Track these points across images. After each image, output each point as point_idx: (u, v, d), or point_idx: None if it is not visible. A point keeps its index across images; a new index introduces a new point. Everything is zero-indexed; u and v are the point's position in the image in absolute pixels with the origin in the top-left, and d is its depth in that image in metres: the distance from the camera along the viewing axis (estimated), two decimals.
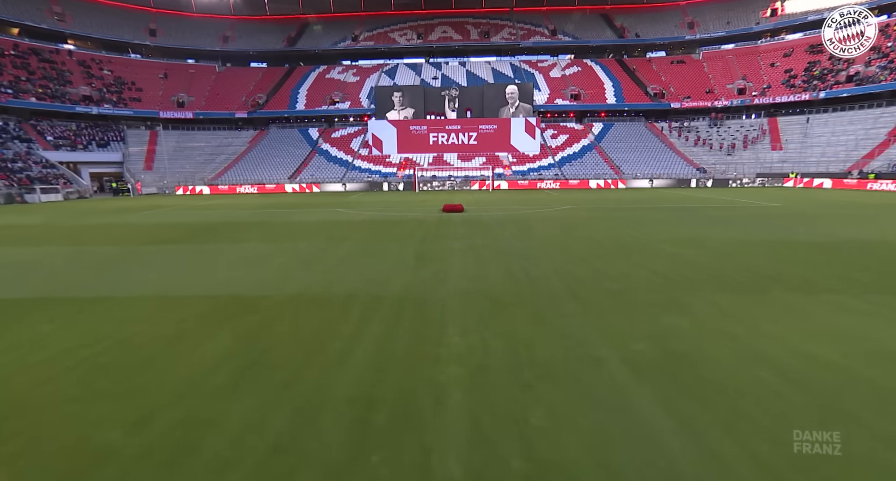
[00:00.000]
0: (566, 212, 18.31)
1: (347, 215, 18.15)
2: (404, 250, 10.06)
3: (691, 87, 50.58)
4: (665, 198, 23.40)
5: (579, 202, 22.69)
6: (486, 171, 40.56)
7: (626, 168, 40.54)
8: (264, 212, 19.61)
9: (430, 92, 46.12)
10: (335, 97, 52.86)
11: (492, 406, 3.43)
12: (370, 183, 38.96)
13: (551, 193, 30.41)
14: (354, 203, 23.91)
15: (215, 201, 27.64)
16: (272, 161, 43.99)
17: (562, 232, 12.50)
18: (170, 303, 6.13)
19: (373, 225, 14.87)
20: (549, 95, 51.96)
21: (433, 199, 25.80)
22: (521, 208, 20.02)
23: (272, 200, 27.62)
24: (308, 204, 23.86)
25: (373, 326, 5.07)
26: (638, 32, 59.00)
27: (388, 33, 62.36)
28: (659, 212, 16.71)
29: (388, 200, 25.75)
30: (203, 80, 55.03)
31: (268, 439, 3.05)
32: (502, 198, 26.79)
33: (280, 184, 38.71)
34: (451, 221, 15.21)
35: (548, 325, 5.06)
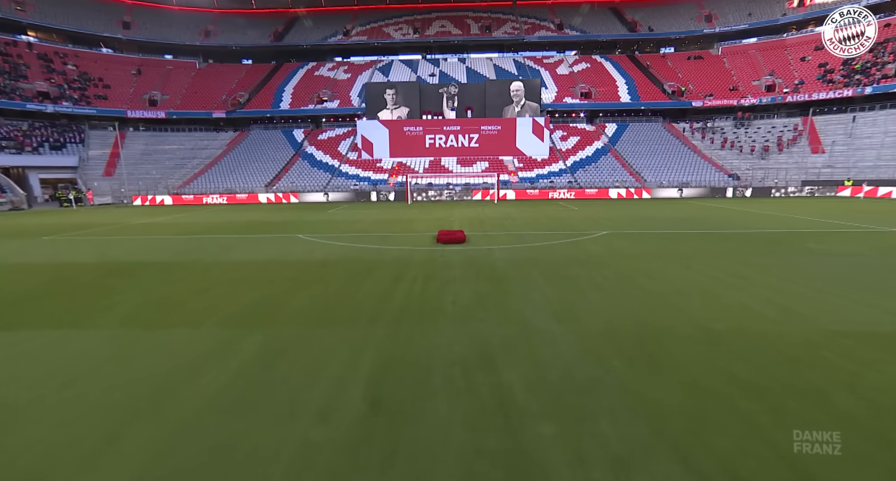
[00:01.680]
0: (607, 243, 12.43)
1: (305, 249, 12.26)
2: (350, 373, 4.19)
3: (713, 85, 44.57)
4: (723, 219, 17.43)
5: (614, 222, 16.83)
6: (490, 178, 34.63)
7: (648, 174, 34.57)
8: (202, 242, 13.72)
9: (426, 89, 40.11)
10: (323, 95, 46.82)
11: None
12: (357, 192, 32.90)
13: (571, 208, 24.48)
14: (327, 224, 18.01)
15: (163, 218, 21.69)
16: (250, 166, 37.98)
17: (627, 294, 6.78)
18: None
19: (329, 274, 8.94)
20: (556, 93, 45.96)
21: (427, 217, 19.86)
22: (541, 234, 14.15)
23: (232, 218, 21.69)
24: (270, 225, 17.97)
25: None
26: (651, 26, 52.91)
27: (383, 28, 56.27)
28: (752, 247, 10.78)
29: (370, 219, 19.80)
30: (181, 77, 48.91)
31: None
32: (512, 214, 20.86)
33: (254, 194, 32.71)
34: (446, 266, 9.43)
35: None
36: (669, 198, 30.35)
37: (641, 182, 33.18)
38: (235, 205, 29.96)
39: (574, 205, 26.21)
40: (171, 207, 29.30)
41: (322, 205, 28.62)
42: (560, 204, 26.67)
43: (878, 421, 3.43)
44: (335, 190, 33.48)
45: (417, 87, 39.60)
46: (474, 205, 26.37)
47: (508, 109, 39.30)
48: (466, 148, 38.11)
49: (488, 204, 27.74)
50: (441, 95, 39.65)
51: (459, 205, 26.34)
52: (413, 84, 40.65)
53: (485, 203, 28.68)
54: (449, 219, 19.26)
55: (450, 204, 28.28)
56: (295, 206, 28.22)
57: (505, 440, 3.29)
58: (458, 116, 39.12)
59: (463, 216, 20.10)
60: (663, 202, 27.36)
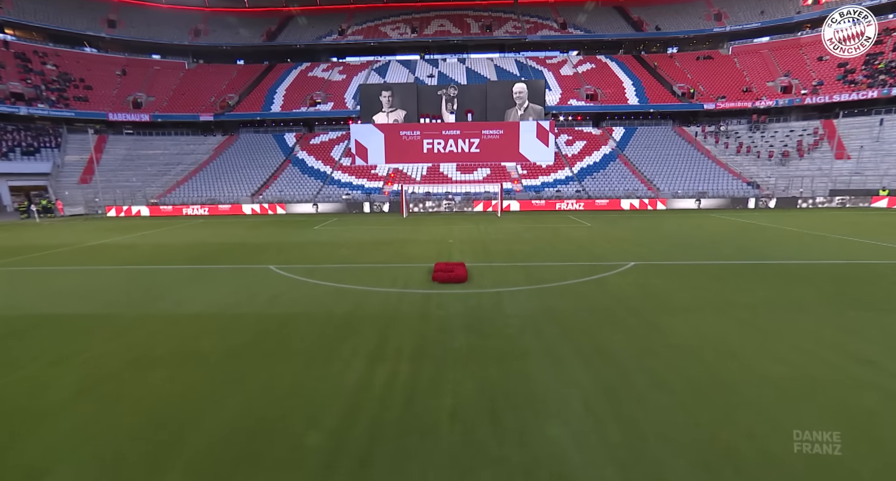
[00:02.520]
0: (641, 282, 9.72)
1: (271, 292, 9.54)
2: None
3: (724, 86, 41.82)
4: (764, 241, 14.39)
5: (637, 246, 14.13)
6: (492, 186, 31.90)
7: (660, 182, 31.85)
8: (153, 277, 11.00)
9: (424, 91, 37.35)
10: (316, 97, 44.02)
11: None
12: (349, 203, 30.13)
13: (583, 224, 21.74)
14: (308, 248, 15.23)
15: (127, 237, 18.89)
16: (237, 173, 35.19)
17: (708, 399, 4.02)
18: None
19: (286, 342, 6.30)
20: (561, 95, 43.19)
21: (423, 237, 17.11)
22: (556, 267, 11.49)
23: (205, 237, 18.94)
24: (244, 249, 15.24)
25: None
26: (658, 25, 50.12)
27: (379, 27, 53.43)
28: (834, 291, 7.86)
29: (358, 240, 17.01)
30: (168, 78, 46.06)
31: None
32: (519, 233, 18.09)
33: (237, 205, 29.97)
34: (443, 326, 6.89)
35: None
36: (687, 210, 27.54)
37: (655, 191, 30.42)
38: (216, 218, 27.16)
39: (585, 218, 23.44)
40: (146, 220, 26.51)
41: (309, 219, 25.79)
42: (570, 217, 23.90)
43: None
44: (326, 200, 30.69)
45: (415, 88, 36.83)
46: (475, 219, 23.60)
47: (511, 112, 36.56)
48: (466, 153, 35.35)
49: (491, 217, 24.99)
50: (440, 97, 36.91)
51: (459, 220, 23.56)
52: (410, 86, 37.87)
53: (487, 215, 25.91)
54: (447, 240, 16.51)
55: (449, 217, 25.48)
56: (280, 220, 25.40)
57: None
58: (457, 120, 36.37)
59: (463, 236, 17.36)
60: (682, 215, 24.56)
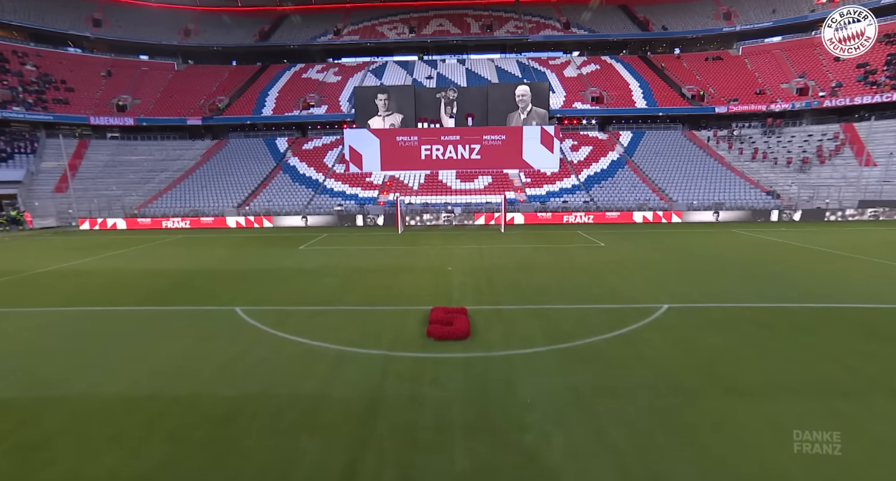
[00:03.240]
0: (685, 339, 7.63)
1: (225, 355, 7.46)
2: None
3: (736, 88, 39.60)
4: (814, 270, 11.88)
5: (666, 276, 12.00)
6: (493, 197, 29.72)
7: (673, 192, 29.69)
8: (91, 325, 8.91)
9: (422, 93, 35.13)
10: (310, 100, 41.77)
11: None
12: (340, 215, 27.90)
13: (597, 244, 19.56)
14: (286, 279, 12.98)
15: (86, 261, 16.76)
16: (224, 180, 32.96)
17: None
18: None
19: (226, 456, 4.26)
20: (565, 98, 40.96)
21: (418, 264, 14.86)
22: (575, 311, 9.41)
23: (173, 262, 16.76)
24: (213, 278, 13.08)
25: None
26: (665, 25, 47.87)
27: (376, 27, 51.12)
28: None
29: (344, 269, 14.71)
30: (156, 80, 43.75)
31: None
32: (526, 258, 15.85)
33: (221, 217, 27.80)
34: (438, 420, 5.09)
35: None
36: (704, 224, 25.36)
37: (668, 202, 28.25)
38: (196, 233, 24.94)
39: (597, 235, 21.21)
40: (120, 235, 24.30)
41: (297, 235, 23.54)
42: (580, 234, 21.71)
43: None
44: (316, 211, 28.47)
45: (412, 91, 34.63)
46: (477, 236, 21.39)
47: (513, 116, 34.39)
48: (467, 160, 33.16)
49: (494, 232, 22.77)
50: (439, 101, 34.72)
51: (459, 237, 21.32)
52: (408, 88, 35.67)
53: (489, 230, 23.66)
54: (446, 267, 14.35)
55: (448, 233, 23.22)
56: (264, 236, 23.17)
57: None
58: (457, 124, 34.17)
59: (464, 260, 15.15)
60: (703, 231, 22.35)
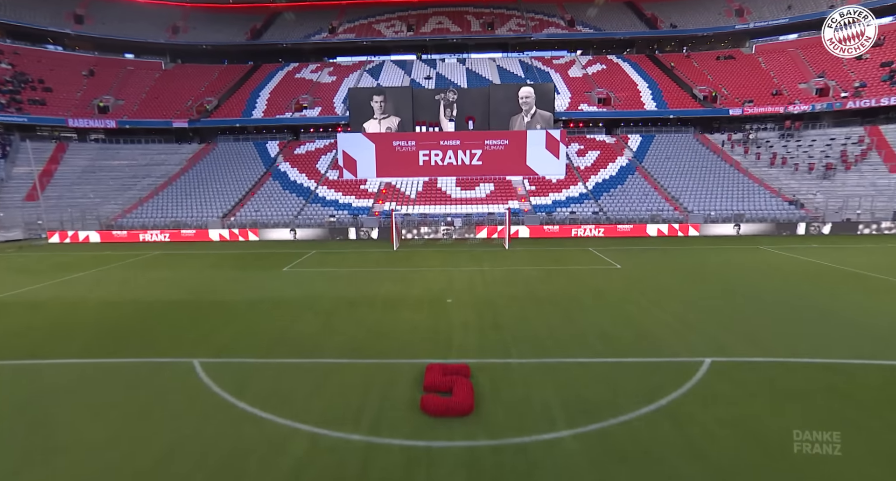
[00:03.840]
0: (749, 416, 5.76)
1: (176, 425, 5.85)
2: None
3: (751, 88, 37.89)
4: (880, 309, 10.70)
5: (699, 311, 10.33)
6: (496, 207, 28.05)
7: (688, 201, 28.02)
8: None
9: (420, 95, 33.43)
10: (303, 101, 40.08)
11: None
12: (332, 228, 26.02)
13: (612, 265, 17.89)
14: (261, 314, 11.20)
15: (36, 288, 14.98)
16: (210, 188, 31.24)
17: None
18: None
19: None
20: (570, 99, 39.27)
21: (413, 292, 12.96)
22: (599, 366, 7.75)
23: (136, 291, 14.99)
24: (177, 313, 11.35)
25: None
26: (673, 22, 46.20)
27: (373, 24, 49.38)
28: None
29: (329, 299, 12.81)
30: (142, 80, 42.00)
31: None
32: (535, 285, 14.00)
33: (203, 230, 26.06)
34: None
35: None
36: (726, 238, 23.60)
37: (684, 213, 26.58)
38: (175, 248, 23.16)
39: (610, 252, 19.45)
40: (91, 250, 22.55)
41: (283, 251, 21.72)
42: (591, 251, 19.99)
43: None
44: (306, 223, 26.73)
45: (410, 92, 32.92)
46: (479, 255, 19.55)
47: (516, 119, 32.71)
48: (468, 166, 31.46)
49: (497, 249, 21.00)
50: (438, 103, 33.00)
51: (460, 257, 19.45)
52: (405, 89, 33.98)
53: (493, 248, 21.81)
54: (445, 299, 12.68)
55: (447, 250, 21.38)
56: (248, 253, 21.33)
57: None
58: (457, 128, 32.47)
59: (465, 292, 13.28)
60: (726, 247, 20.58)
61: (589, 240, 23.83)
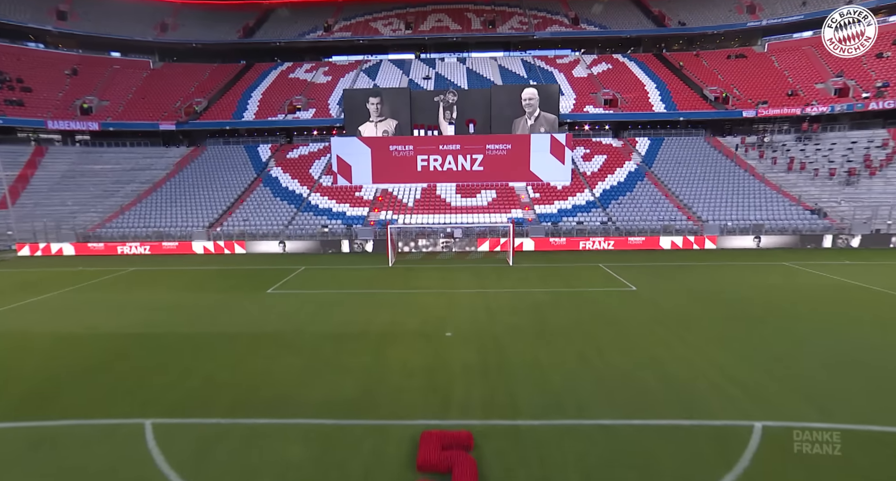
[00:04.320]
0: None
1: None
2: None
3: (764, 89, 36.53)
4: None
5: (734, 354, 8.55)
6: (498, 216, 26.71)
7: (701, 209, 26.69)
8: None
9: (419, 97, 32.08)
10: (296, 103, 38.75)
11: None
12: (324, 240, 24.45)
13: (626, 286, 16.53)
14: (236, 350, 9.70)
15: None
16: (197, 194, 29.87)
17: None
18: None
19: None
20: (575, 101, 37.91)
21: (408, 325, 11.33)
22: (626, 430, 6.27)
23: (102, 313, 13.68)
24: (140, 351, 9.91)
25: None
26: (682, 20, 44.88)
27: (370, 22, 48.03)
28: None
29: (314, 333, 11.62)
30: (129, 79, 40.63)
31: None
32: (544, 311, 12.55)
33: (186, 242, 24.52)
34: None
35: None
36: (745, 252, 22.17)
37: (698, 223, 25.24)
38: (154, 262, 21.74)
39: (622, 269, 18.07)
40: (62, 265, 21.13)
41: (270, 268, 20.25)
42: (602, 268, 18.62)
43: None
44: (297, 234, 25.35)
45: (408, 94, 31.58)
46: (481, 273, 18.06)
47: (519, 122, 31.36)
48: (468, 172, 30.11)
49: (501, 265, 19.48)
50: (437, 104, 31.65)
51: (460, 275, 17.97)
52: (402, 91, 32.62)
53: (496, 264, 20.16)
54: (443, 332, 11.31)
55: (447, 268, 19.86)
56: (230, 270, 19.73)
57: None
58: (457, 131, 31.12)
59: (466, 321, 11.83)
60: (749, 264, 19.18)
61: (598, 253, 22.46)
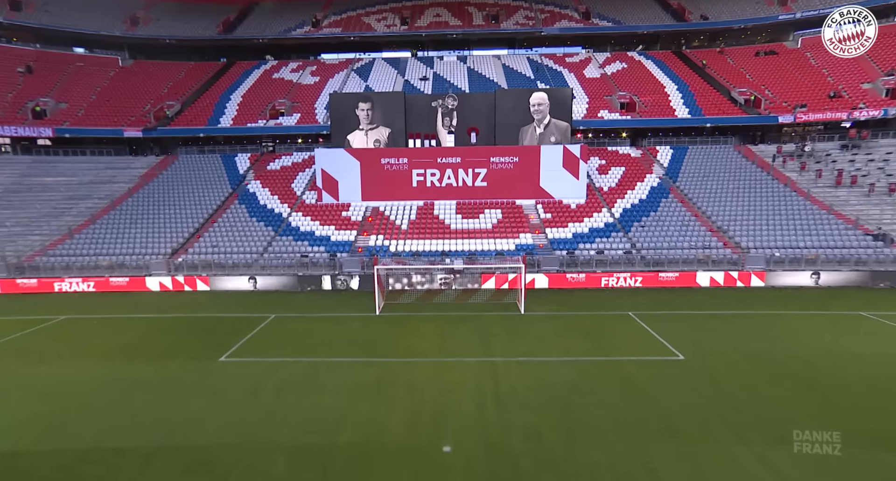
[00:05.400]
0: None
1: None
2: None
3: (800, 90, 33.27)
4: None
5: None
6: (504, 241, 23.46)
7: (739, 234, 23.43)
8: None
9: (414, 102, 28.82)
10: (279, 107, 35.61)
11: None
12: (302, 275, 20.96)
13: (676, 358, 13.38)
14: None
15: None
16: (163, 213, 26.60)
17: None
18: None
19: None
20: (588, 105, 34.71)
21: (391, 423, 8.12)
22: None
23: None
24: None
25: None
26: (704, 13, 41.71)
27: (362, 17, 44.81)
28: None
29: (260, 445, 8.47)
30: (93, 79, 37.33)
31: None
32: (572, 395, 9.33)
33: (139, 278, 21.01)
34: None
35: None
36: (803, 291, 18.96)
37: (738, 251, 22.05)
38: (93, 304, 18.48)
39: (660, 324, 14.74)
40: None
41: (231, 316, 16.84)
42: (634, 320, 15.52)
43: None
44: (273, 265, 21.93)
45: (402, 99, 28.32)
46: (487, 329, 14.51)
47: (527, 131, 28.16)
48: (470, 188, 26.95)
49: (511, 320, 15.96)
50: (435, 110, 28.47)
51: (461, 333, 14.55)
52: (396, 95, 29.46)
53: (504, 313, 16.72)
54: (439, 444, 8.15)
55: (445, 320, 16.28)
56: (183, 320, 16.29)
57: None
58: (457, 141, 27.94)
59: (469, 420, 8.36)
60: (812, 308, 15.93)
61: (625, 294, 19.28)
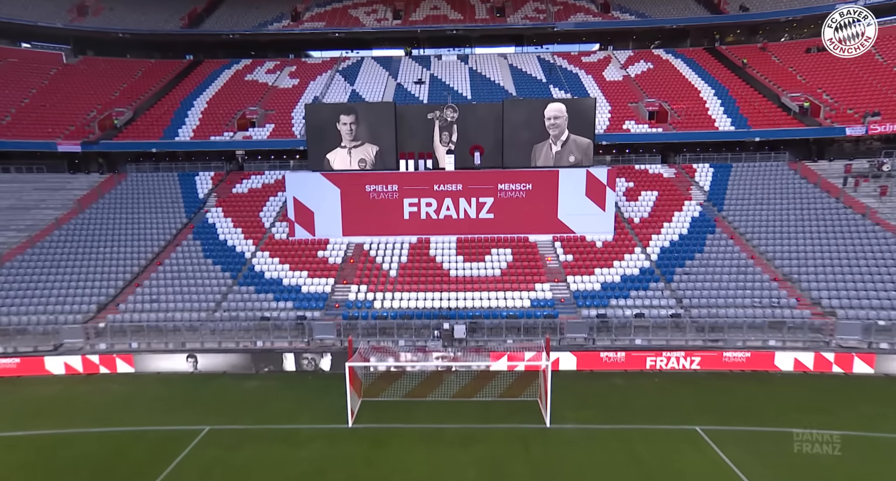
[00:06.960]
0: None
1: None
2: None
3: (868, 94, 28.84)
4: None
5: None
6: (517, 295, 19.19)
7: (817, 286, 19.49)
8: None
9: (407, 114, 24.52)
10: (250, 115, 31.49)
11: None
12: (258, 349, 16.61)
13: None
14: None
15: None
16: (94, 252, 22.34)
17: None
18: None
19: None
20: (610, 114, 30.50)
21: None
22: None
23: None
24: None
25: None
26: (744, 4, 37.67)
27: (349, 10, 40.65)
28: None
29: None
30: (27, 78, 32.93)
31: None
32: None
33: (36, 357, 15.86)
34: None
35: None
36: None
37: (819, 313, 18.00)
38: None
39: (739, 441, 10.87)
40: None
41: (150, 428, 12.48)
42: (704, 441, 11.52)
43: None
44: (222, 333, 17.72)
45: (392, 110, 23.98)
46: (504, 466, 10.87)
47: (541, 150, 23.95)
48: (474, 221, 22.81)
49: (531, 436, 11.40)
50: (431, 124, 24.31)
51: (460, 472, 10.78)
52: (385, 106, 25.33)
53: (523, 425, 12.34)
54: None
55: (439, 433, 12.09)
56: (76, 437, 11.66)
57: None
58: (458, 163, 23.71)
59: None
60: None
61: (680, 382, 14.97)
